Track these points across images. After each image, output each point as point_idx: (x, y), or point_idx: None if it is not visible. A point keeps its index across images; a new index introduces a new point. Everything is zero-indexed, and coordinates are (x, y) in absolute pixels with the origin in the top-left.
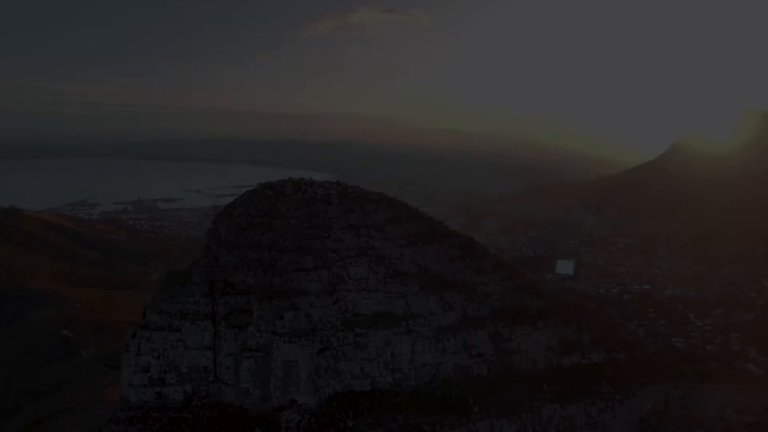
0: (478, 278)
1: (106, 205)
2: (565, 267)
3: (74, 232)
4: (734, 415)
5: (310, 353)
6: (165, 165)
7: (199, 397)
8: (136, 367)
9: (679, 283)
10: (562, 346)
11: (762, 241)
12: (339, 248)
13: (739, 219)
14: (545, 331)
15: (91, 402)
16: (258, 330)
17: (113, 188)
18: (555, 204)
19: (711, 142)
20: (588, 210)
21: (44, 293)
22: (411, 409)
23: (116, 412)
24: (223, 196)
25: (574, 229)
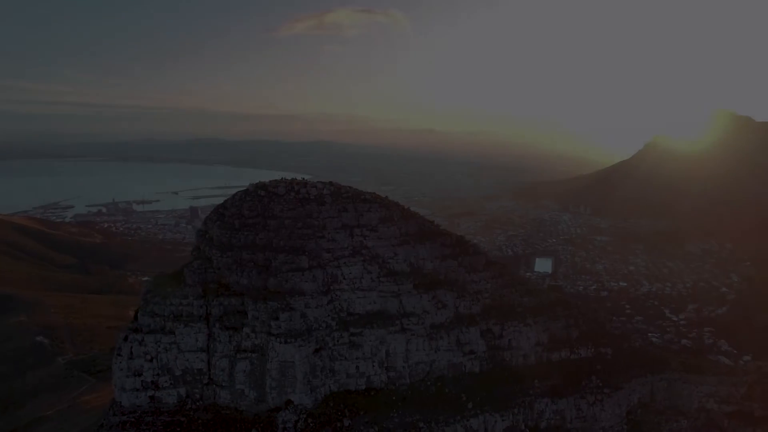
0: (470, 276)
1: (79, 207)
2: (543, 265)
3: (47, 236)
4: (716, 405)
5: (306, 353)
6: (140, 166)
7: (193, 399)
8: (128, 371)
9: (654, 280)
10: (551, 341)
11: (730, 238)
12: (333, 248)
13: (709, 217)
14: (535, 327)
15: (70, 409)
16: (253, 331)
17: (86, 190)
18: (532, 203)
19: (682, 141)
20: (565, 209)
21: (17, 298)
22: (406, 406)
23: (107, 417)
24: (201, 198)
25: (552, 228)
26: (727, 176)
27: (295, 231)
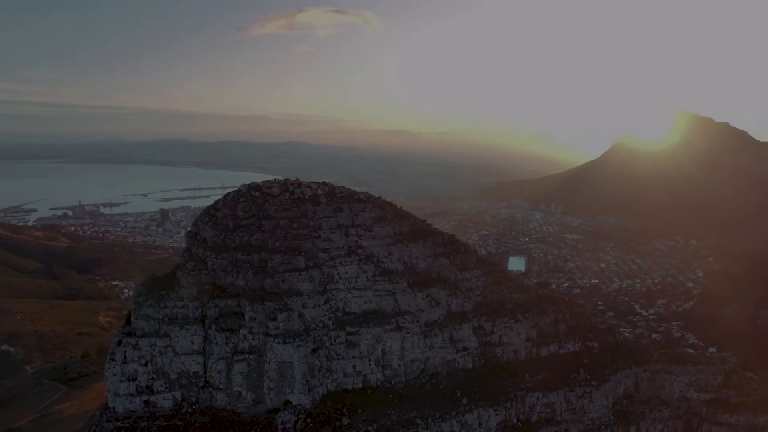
0: (461, 274)
1: (43, 211)
2: (516, 264)
3: (8, 240)
4: (695, 394)
5: (304, 353)
6: (106, 168)
7: (189, 403)
8: (122, 376)
9: (625, 276)
10: (540, 337)
11: (695, 235)
12: (329, 248)
13: (672, 214)
14: (525, 323)
15: (42, 419)
16: (250, 332)
17: (50, 193)
18: (504, 203)
19: (647, 141)
20: (536, 208)
21: None
22: (403, 404)
23: (101, 423)
24: (172, 200)
25: (524, 227)
26: (689, 174)
27: (290, 231)
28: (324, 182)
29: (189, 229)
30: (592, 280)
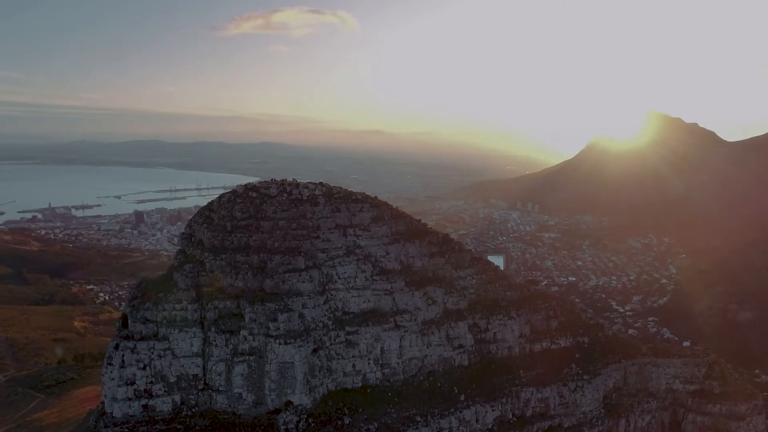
0: (456, 273)
1: (11, 214)
2: (495, 262)
3: None
4: (681, 385)
5: (305, 354)
6: (78, 170)
7: (188, 406)
8: (120, 381)
9: (601, 274)
10: (533, 333)
11: (667, 233)
12: (328, 248)
13: (645, 212)
14: (518, 320)
15: (20, 428)
16: (250, 333)
17: (18, 196)
18: (482, 202)
19: (619, 141)
20: (513, 207)
21: None
22: (402, 401)
23: (98, 429)
24: (146, 202)
25: (502, 226)
26: (660, 173)
27: (289, 232)
28: (321, 183)
29: (184, 230)
30: (570, 278)
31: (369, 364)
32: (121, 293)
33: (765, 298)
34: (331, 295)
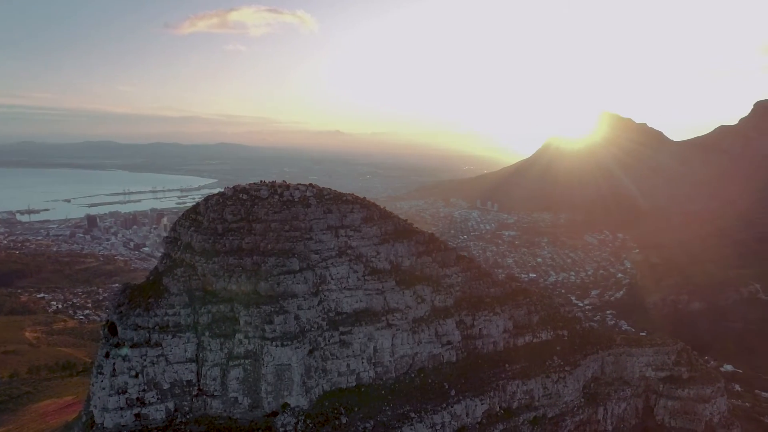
0: (442, 271)
1: None
2: None
3: None
4: (653, 372)
5: (302, 355)
6: (21, 172)
7: (182, 413)
8: (111, 390)
9: (560, 270)
10: (516, 328)
11: (621, 228)
12: (320, 249)
13: (599, 209)
14: (502, 315)
15: None
16: (246, 337)
17: None
18: (442, 202)
19: (573, 141)
20: (473, 206)
21: None
22: (395, 399)
23: None
24: (99, 205)
25: (463, 225)
26: (612, 171)
27: (282, 234)
28: (311, 184)
29: (168, 233)
30: (530, 275)
31: (363, 363)
32: (75, 301)
33: (711, 289)
34: (325, 295)
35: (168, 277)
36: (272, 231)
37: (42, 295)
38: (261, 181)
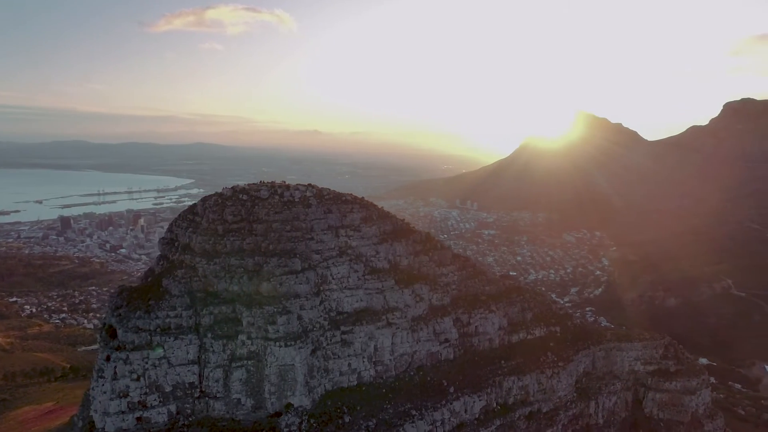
0: (439, 270)
1: None
2: None
3: None
4: (642, 366)
5: (305, 355)
6: None
7: (184, 416)
8: (112, 393)
9: (540, 268)
10: (510, 325)
11: (598, 227)
12: (321, 249)
13: (576, 207)
14: (498, 313)
15: None
16: (249, 338)
17: None
18: (422, 201)
19: (550, 140)
20: (453, 206)
21: None
22: (396, 397)
23: None
24: (72, 206)
25: (443, 224)
26: (588, 170)
27: (284, 234)
28: (310, 184)
29: (164, 235)
30: (511, 273)
31: (363, 362)
32: (50, 305)
33: (686, 285)
34: (326, 295)
35: (168, 279)
36: (273, 231)
37: (14, 299)
38: (260, 182)
